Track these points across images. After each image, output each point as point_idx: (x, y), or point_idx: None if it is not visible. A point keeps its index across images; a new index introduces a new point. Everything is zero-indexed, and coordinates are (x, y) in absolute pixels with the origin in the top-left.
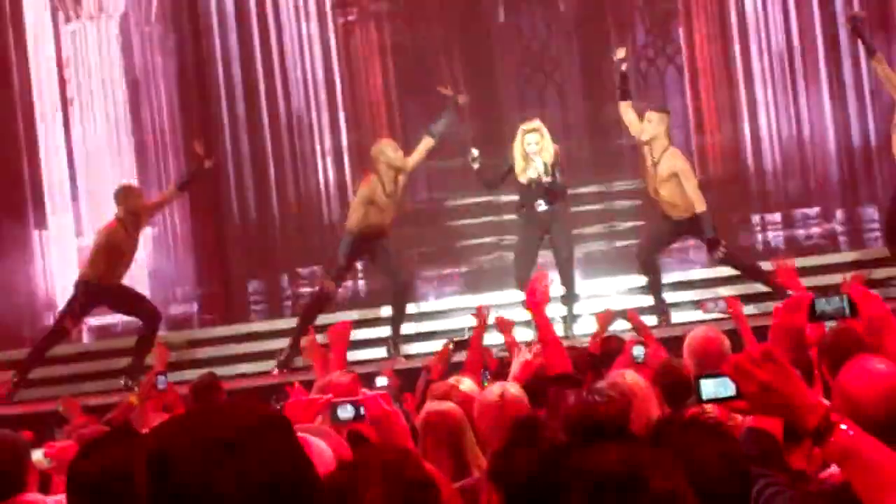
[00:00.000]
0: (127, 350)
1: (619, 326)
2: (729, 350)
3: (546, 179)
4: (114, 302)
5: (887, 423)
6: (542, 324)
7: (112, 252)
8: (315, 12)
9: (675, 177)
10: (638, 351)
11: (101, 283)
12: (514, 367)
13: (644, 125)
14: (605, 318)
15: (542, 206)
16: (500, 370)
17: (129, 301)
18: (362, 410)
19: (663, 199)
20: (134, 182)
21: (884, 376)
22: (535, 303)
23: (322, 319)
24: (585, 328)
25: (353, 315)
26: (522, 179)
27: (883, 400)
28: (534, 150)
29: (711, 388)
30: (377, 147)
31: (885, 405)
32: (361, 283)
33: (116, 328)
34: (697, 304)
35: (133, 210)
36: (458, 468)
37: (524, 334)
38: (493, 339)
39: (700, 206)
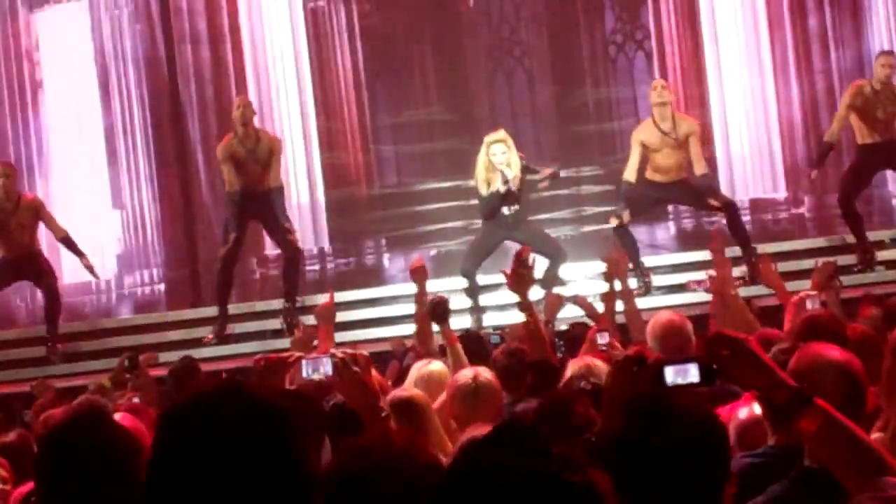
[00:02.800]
0: (91, 332)
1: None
2: (691, 334)
3: (509, 187)
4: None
5: (843, 407)
6: (525, 307)
7: None
8: None
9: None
10: (602, 339)
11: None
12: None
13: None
14: (554, 303)
15: (506, 210)
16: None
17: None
18: (330, 369)
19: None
20: None
21: (839, 360)
22: (516, 287)
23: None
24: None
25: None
26: (487, 190)
27: (841, 383)
28: (500, 160)
29: (674, 374)
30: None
31: (841, 388)
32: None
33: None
34: (686, 285)
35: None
36: None
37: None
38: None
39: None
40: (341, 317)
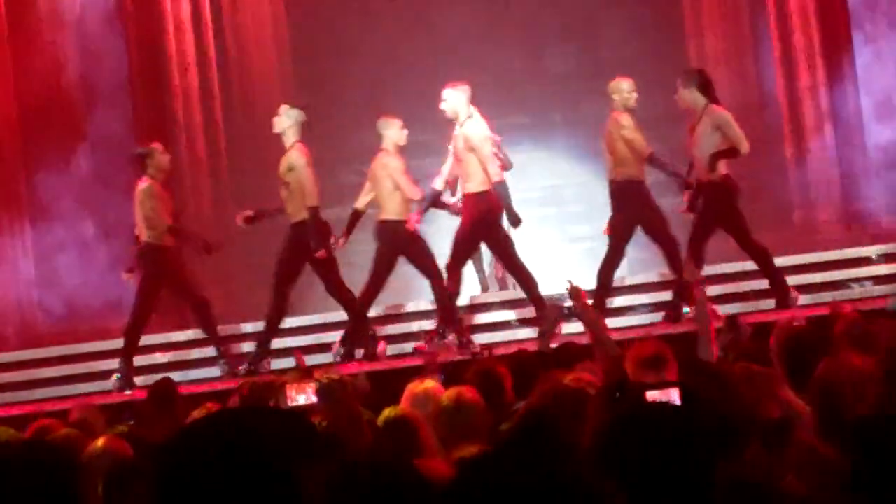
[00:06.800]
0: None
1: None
2: (670, 359)
3: None
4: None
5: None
6: None
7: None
8: None
9: None
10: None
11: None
12: None
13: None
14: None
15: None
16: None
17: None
18: (315, 394)
19: None
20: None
21: (863, 370)
22: None
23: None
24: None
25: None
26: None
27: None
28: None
29: (655, 399)
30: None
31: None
32: None
33: None
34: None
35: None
36: None
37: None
38: None
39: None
40: (316, 339)
